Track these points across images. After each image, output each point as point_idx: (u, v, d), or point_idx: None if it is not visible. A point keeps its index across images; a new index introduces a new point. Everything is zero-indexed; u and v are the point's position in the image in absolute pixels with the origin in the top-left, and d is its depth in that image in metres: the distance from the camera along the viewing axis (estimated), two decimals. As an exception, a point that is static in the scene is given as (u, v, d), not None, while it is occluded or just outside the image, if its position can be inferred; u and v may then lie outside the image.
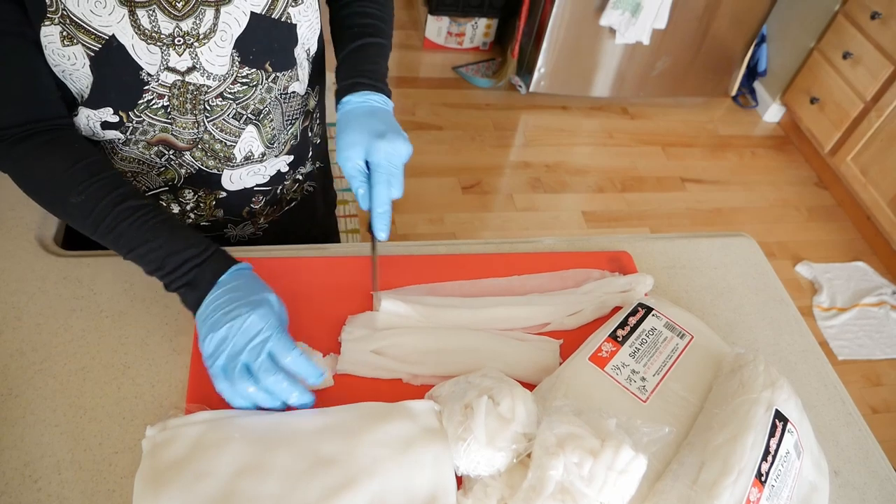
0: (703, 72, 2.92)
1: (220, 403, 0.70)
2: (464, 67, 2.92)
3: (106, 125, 0.76)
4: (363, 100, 0.79)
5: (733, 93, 3.09)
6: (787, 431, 0.66)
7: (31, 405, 0.69)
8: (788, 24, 2.92)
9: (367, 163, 0.75)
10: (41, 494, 0.63)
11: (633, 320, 0.78)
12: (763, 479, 0.62)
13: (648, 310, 0.79)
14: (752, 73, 3.10)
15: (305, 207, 1.02)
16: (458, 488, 0.65)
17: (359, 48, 0.84)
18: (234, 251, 0.74)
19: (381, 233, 0.75)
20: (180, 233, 0.70)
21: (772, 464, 0.63)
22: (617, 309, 0.84)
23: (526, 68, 2.80)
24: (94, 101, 0.73)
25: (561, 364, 0.76)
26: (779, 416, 0.67)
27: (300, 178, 0.97)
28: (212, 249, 0.70)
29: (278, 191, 0.94)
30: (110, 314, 0.78)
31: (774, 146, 3.00)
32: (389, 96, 0.82)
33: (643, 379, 0.72)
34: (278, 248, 0.88)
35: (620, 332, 0.76)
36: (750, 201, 2.73)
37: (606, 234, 2.46)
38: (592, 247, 0.96)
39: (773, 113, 3.08)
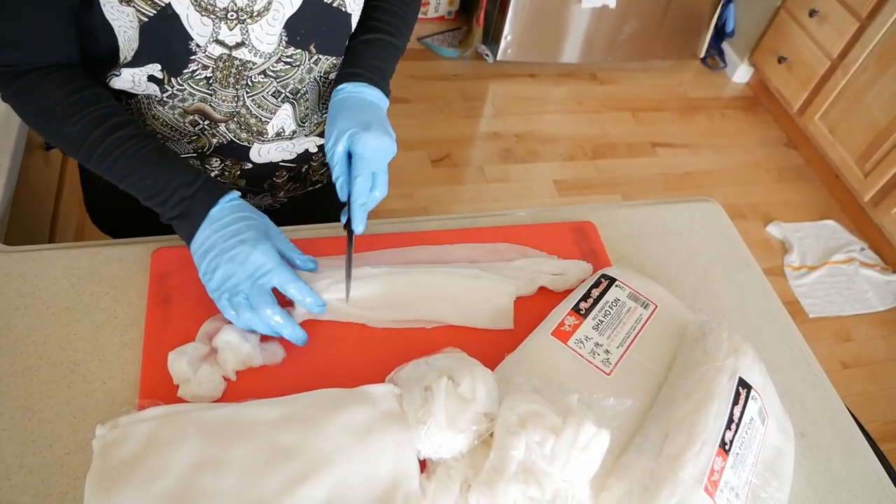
0: (671, 34, 2.90)
1: (174, 397, 0.68)
2: (429, 38, 2.87)
3: (151, 78, 0.75)
4: (358, 91, 0.78)
5: (702, 55, 3.08)
6: (750, 398, 0.66)
7: (-24, 409, 0.67)
8: (754, -17, 2.90)
9: (350, 155, 0.74)
10: (-11, 501, 0.61)
11: (595, 292, 0.76)
12: (727, 447, 0.62)
13: (612, 280, 0.78)
14: (720, 34, 3.08)
15: (331, 192, 1.01)
16: (422, 472, 0.63)
17: (369, 41, 0.83)
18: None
19: (359, 226, 0.73)
20: (171, 163, 0.71)
21: (736, 432, 0.63)
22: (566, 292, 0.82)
23: (492, 36, 2.75)
24: (139, 62, 0.72)
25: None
26: (742, 383, 0.66)
27: None
28: (202, 179, 0.71)
29: (303, 169, 0.94)
30: (57, 310, 0.75)
31: (744, 107, 3.00)
32: (388, 95, 0.81)
33: (607, 351, 0.71)
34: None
35: (583, 305, 0.75)
36: (721, 164, 2.74)
37: (571, 204, 2.45)
38: (557, 218, 0.95)
39: (741, 74, 3.07)
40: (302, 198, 1.00)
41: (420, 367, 0.67)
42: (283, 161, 0.90)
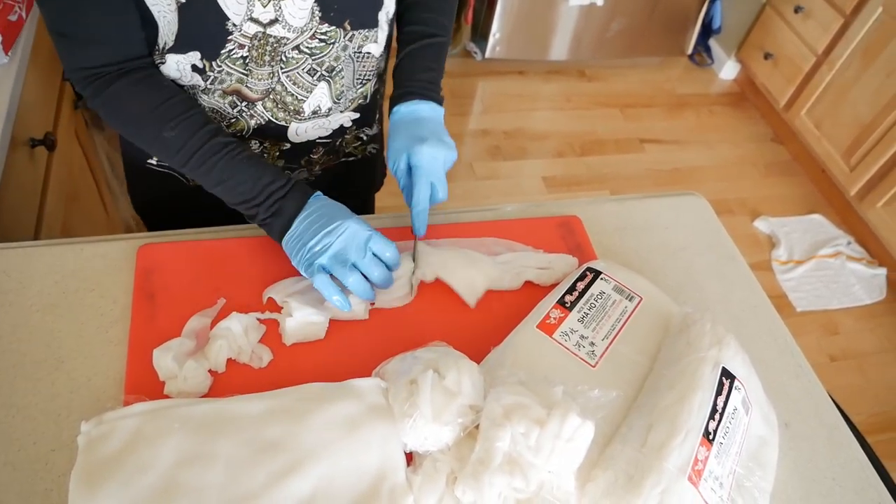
0: (659, 31, 2.91)
1: (160, 393, 0.68)
2: (418, 35, 2.86)
3: (194, 68, 0.77)
4: (411, 110, 0.84)
5: (689, 51, 3.09)
6: (734, 388, 0.66)
7: (-41, 407, 0.66)
8: (741, -20, 2.91)
9: (410, 167, 0.81)
10: (-27, 499, 0.61)
11: (581, 285, 0.77)
12: (711, 437, 0.62)
13: (597, 273, 0.79)
14: (707, 31, 3.10)
15: (366, 167, 1.06)
16: (409, 465, 0.64)
17: (416, 51, 0.87)
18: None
19: (420, 229, 0.81)
20: (265, 168, 0.76)
21: (719, 422, 0.63)
22: (552, 286, 0.83)
23: (480, 34, 2.76)
24: (181, 47, 0.74)
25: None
26: (725, 373, 0.67)
27: (363, 137, 0.99)
28: (292, 182, 0.76)
29: (338, 143, 0.96)
30: (41, 307, 0.75)
31: (731, 103, 3.02)
32: (441, 102, 0.86)
33: (592, 344, 0.72)
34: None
35: (568, 298, 0.75)
36: (709, 159, 2.75)
37: (558, 199, 2.46)
38: (543, 212, 0.95)
39: (728, 70, 3.09)
40: (336, 170, 1.01)
41: (406, 361, 0.67)
42: (319, 138, 0.92)
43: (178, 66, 0.76)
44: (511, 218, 0.93)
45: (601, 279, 0.78)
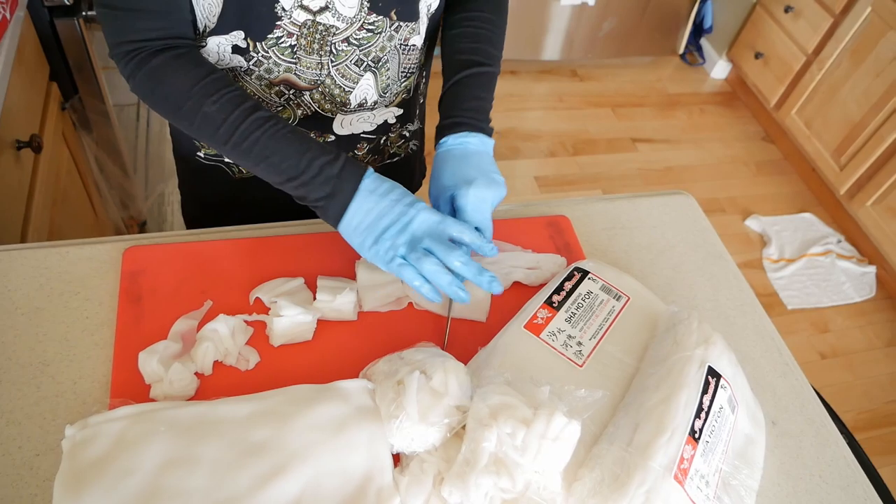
0: (650, 31, 2.92)
1: (146, 396, 0.67)
2: (409, 36, 2.86)
3: (235, 49, 0.76)
4: (460, 142, 0.80)
5: (681, 51, 3.10)
6: (720, 387, 0.67)
7: (-57, 411, 0.66)
8: (731, -21, 2.92)
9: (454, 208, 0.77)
10: (-44, 504, 0.60)
11: (568, 285, 0.77)
12: (697, 436, 0.62)
13: (584, 273, 0.79)
14: (699, 31, 3.11)
15: (407, 165, 1.05)
16: (396, 466, 0.64)
17: (465, 80, 0.83)
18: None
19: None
20: (310, 143, 0.71)
21: (705, 420, 0.64)
22: (540, 286, 0.83)
23: (472, 34, 2.75)
24: (223, 27, 0.74)
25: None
26: (711, 372, 0.67)
27: (406, 134, 0.99)
28: (343, 158, 0.71)
29: (382, 140, 0.95)
30: (26, 311, 0.74)
31: (722, 102, 3.03)
32: (490, 134, 0.82)
33: (579, 344, 0.72)
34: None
35: (556, 298, 0.75)
36: (700, 159, 2.76)
37: (549, 199, 2.46)
38: (532, 212, 0.95)
39: (720, 69, 3.10)
40: (380, 171, 1.00)
41: (393, 362, 0.67)
42: (363, 132, 0.91)
43: (218, 49, 0.76)
44: (500, 218, 0.93)
45: (589, 279, 0.78)
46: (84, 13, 1.31)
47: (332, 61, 0.79)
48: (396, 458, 0.64)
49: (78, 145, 1.46)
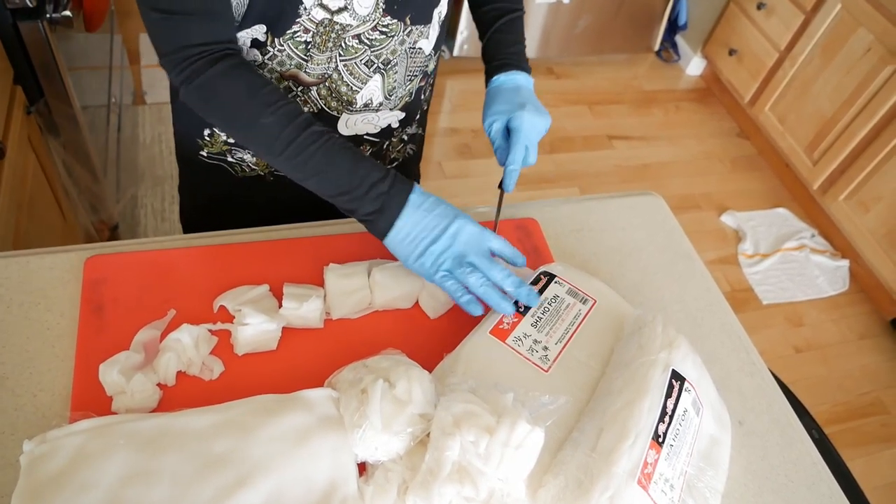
0: (626, 28, 2.93)
1: (107, 409, 0.66)
2: (386, 34, 2.85)
3: (254, 43, 0.77)
4: (510, 78, 0.90)
5: (656, 48, 3.12)
6: (684, 390, 0.67)
7: None
8: (705, -23, 2.94)
9: (508, 130, 0.86)
10: (-90, 523, 0.59)
11: (535, 289, 0.77)
12: (660, 440, 0.63)
13: (551, 277, 0.79)
14: (674, 27, 3.13)
15: (405, 171, 1.07)
16: (361, 475, 0.63)
17: (503, 27, 0.93)
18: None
19: (510, 186, 0.86)
20: (362, 159, 0.73)
21: (669, 424, 0.64)
22: None
23: (448, 32, 2.75)
24: (247, 22, 0.74)
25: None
26: (675, 376, 0.67)
27: (405, 137, 1.00)
28: (392, 174, 0.74)
29: (384, 145, 0.97)
30: (-17, 323, 0.73)
31: (697, 99, 3.05)
32: (530, 73, 0.93)
33: (545, 348, 0.72)
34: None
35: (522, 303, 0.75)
36: (676, 155, 2.78)
37: (531, 199, 2.47)
38: (501, 216, 0.94)
39: (695, 66, 3.12)
40: None
41: (358, 370, 0.67)
42: (367, 134, 0.93)
43: (240, 42, 0.76)
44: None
45: (555, 283, 0.78)
46: (49, 15, 1.28)
47: (340, 55, 0.80)
48: (362, 467, 0.64)
49: (44, 150, 1.44)
